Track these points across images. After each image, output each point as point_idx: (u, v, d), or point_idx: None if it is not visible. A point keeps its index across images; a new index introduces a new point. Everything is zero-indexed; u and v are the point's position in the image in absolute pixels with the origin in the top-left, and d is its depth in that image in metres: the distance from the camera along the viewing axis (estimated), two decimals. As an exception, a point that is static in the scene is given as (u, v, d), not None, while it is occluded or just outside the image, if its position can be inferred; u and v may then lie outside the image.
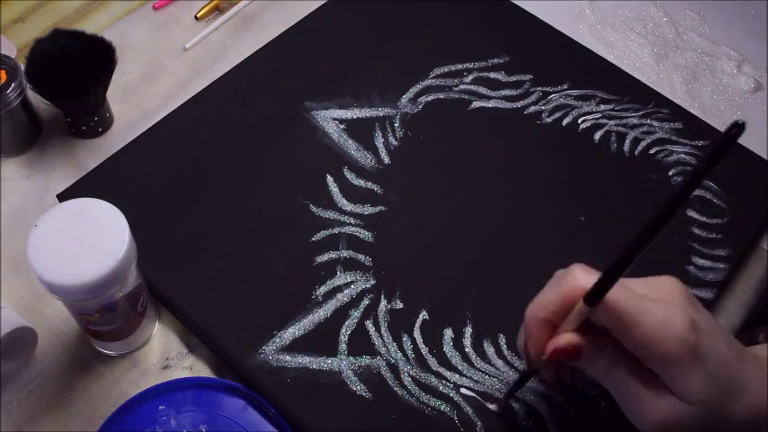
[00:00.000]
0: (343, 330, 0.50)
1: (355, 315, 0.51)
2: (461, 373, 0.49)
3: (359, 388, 0.48)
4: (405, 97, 0.62)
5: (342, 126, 0.60)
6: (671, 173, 0.59)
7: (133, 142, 0.58)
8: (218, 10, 0.69)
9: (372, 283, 0.52)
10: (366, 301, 0.51)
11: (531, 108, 0.62)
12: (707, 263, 0.55)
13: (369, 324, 0.51)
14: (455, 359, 0.50)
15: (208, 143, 0.58)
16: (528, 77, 0.64)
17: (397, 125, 0.60)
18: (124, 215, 0.43)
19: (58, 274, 0.41)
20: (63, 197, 0.55)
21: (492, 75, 0.64)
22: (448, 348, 0.50)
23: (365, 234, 0.54)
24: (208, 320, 0.50)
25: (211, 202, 0.55)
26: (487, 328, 0.51)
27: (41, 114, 0.60)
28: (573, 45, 0.67)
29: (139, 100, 0.63)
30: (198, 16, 0.68)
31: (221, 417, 0.47)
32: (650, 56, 0.68)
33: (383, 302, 0.51)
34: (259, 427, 0.47)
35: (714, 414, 0.38)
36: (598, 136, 0.61)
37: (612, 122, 0.62)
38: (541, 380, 0.47)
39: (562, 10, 0.71)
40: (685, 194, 0.33)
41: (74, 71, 0.54)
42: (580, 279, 0.39)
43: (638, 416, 0.39)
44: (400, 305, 0.52)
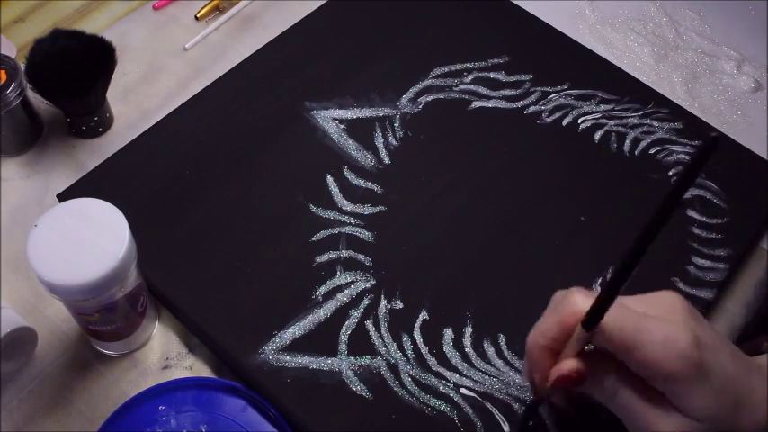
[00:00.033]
0: (343, 330, 0.50)
1: (355, 315, 0.51)
2: (461, 373, 0.49)
3: (359, 388, 0.48)
4: (405, 97, 0.62)
5: (342, 126, 0.60)
6: (671, 173, 0.59)
7: (133, 142, 0.58)
8: (218, 10, 0.69)
9: (372, 283, 0.52)
10: (366, 301, 0.51)
11: (531, 108, 0.62)
12: (707, 263, 0.55)
13: (369, 324, 0.51)
14: (455, 359, 0.50)
15: (208, 143, 0.58)
16: (528, 77, 0.64)
17: (397, 125, 0.60)
18: (124, 215, 0.43)
19: (57, 274, 0.41)
20: (63, 197, 0.55)
21: (492, 75, 0.64)
22: (448, 348, 0.50)
23: (365, 234, 0.54)
24: (208, 320, 0.50)
25: (211, 202, 0.55)
26: (487, 328, 0.51)
27: (41, 114, 0.60)
28: (573, 45, 0.67)
29: (139, 100, 0.63)
30: (198, 16, 0.68)
31: (221, 417, 0.47)
32: (650, 56, 0.68)
33: (383, 302, 0.51)
34: (259, 427, 0.47)
35: (722, 427, 0.38)
36: (598, 136, 0.61)
37: (612, 122, 0.62)
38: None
39: (562, 10, 0.71)
40: (663, 220, 0.32)
41: (74, 71, 0.54)
42: (578, 303, 0.39)
43: None
44: (400, 305, 0.52)
